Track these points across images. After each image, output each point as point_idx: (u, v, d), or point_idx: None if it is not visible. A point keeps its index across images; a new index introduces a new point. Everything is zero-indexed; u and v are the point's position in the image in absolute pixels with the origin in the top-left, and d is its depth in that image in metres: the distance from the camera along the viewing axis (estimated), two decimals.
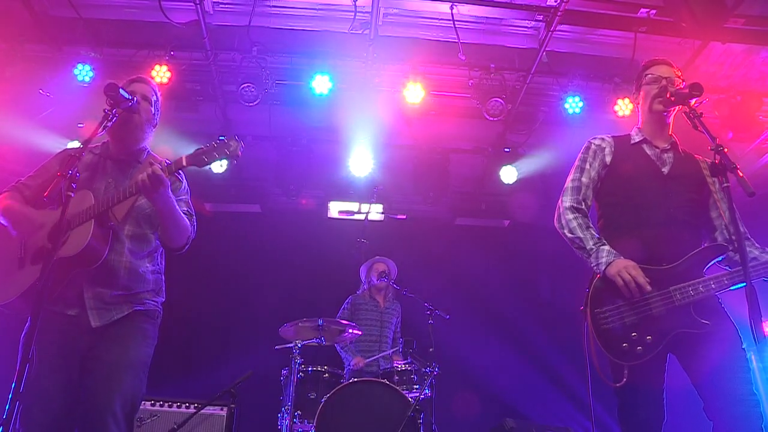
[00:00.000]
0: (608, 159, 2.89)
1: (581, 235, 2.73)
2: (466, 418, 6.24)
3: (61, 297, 2.49)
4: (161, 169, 2.45)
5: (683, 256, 2.59)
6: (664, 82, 2.82)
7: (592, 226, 2.79)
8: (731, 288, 2.51)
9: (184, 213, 2.71)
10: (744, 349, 2.52)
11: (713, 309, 2.57)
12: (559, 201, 2.89)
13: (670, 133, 2.92)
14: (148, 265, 2.68)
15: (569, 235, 2.77)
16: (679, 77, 2.88)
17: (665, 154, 2.85)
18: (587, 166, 2.90)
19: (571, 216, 2.80)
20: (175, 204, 2.57)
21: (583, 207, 2.85)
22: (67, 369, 2.44)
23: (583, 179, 2.88)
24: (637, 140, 2.91)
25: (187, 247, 2.74)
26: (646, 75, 2.92)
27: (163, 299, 2.78)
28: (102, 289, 2.52)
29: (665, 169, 2.81)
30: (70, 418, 2.41)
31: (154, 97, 2.84)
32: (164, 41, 5.40)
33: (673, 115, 2.89)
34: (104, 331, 2.50)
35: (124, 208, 2.58)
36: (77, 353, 2.47)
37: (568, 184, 2.91)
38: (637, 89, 3.00)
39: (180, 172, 2.76)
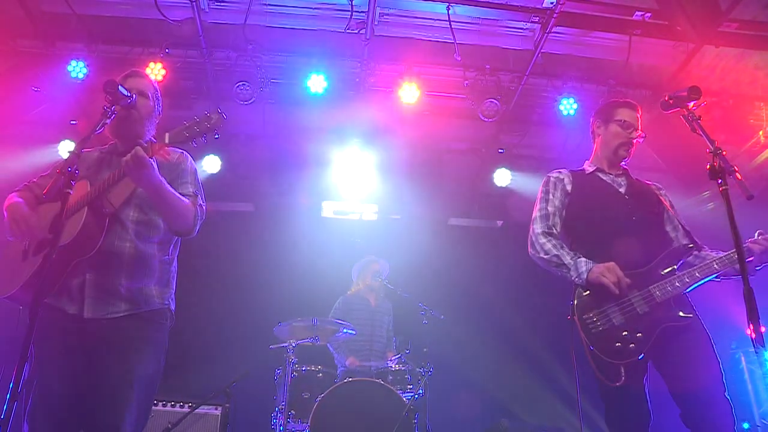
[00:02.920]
0: (569, 188, 3.08)
1: (557, 253, 2.87)
2: (460, 418, 6.25)
3: (64, 289, 2.47)
4: (144, 149, 2.41)
5: (654, 259, 2.76)
6: (634, 133, 3.03)
7: (565, 246, 2.93)
8: (703, 280, 2.68)
9: (188, 195, 2.68)
10: (716, 353, 2.64)
11: (691, 308, 2.74)
12: (530, 231, 3.04)
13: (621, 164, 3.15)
14: (156, 252, 2.64)
15: (545, 256, 2.90)
16: (638, 119, 3.09)
17: (619, 178, 3.10)
18: (551, 197, 3.08)
19: (543, 240, 2.95)
20: (165, 185, 2.51)
21: (554, 232, 3.00)
22: (72, 369, 2.40)
23: (549, 208, 3.05)
24: (591, 170, 3.14)
25: (196, 229, 2.67)
26: (617, 118, 3.08)
27: (172, 293, 2.73)
28: (104, 277, 2.49)
29: (622, 189, 3.04)
30: (75, 419, 2.38)
31: (151, 91, 2.83)
32: (159, 38, 5.37)
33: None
34: (106, 337, 2.45)
35: (122, 195, 2.56)
36: (81, 354, 2.43)
37: (536, 214, 3.07)
38: (604, 123, 3.15)
39: (186, 154, 2.80)
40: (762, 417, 5.93)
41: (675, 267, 2.74)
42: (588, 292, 2.75)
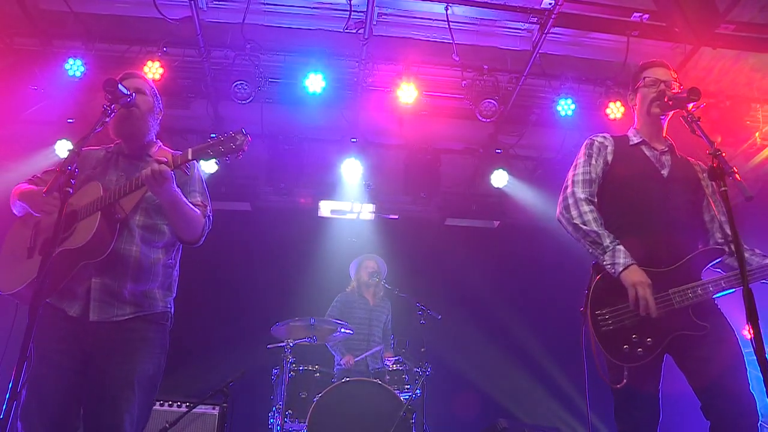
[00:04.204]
0: (610, 158, 2.88)
1: (598, 230, 2.67)
2: (457, 418, 6.26)
3: (68, 290, 2.47)
4: (166, 163, 2.43)
5: (682, 259, 2.60)
6: (662, 86, 2.83)
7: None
8: (727, 291, 2.54)
9: (197, 204, 2.69)
10: (741, 347, 2.56)
11: (711, 311, 2.60)
12: (569, 191, 2.82)
13: (665, 134, 2.94)
14: (161, 256, 2.65)
15: (584, 227, 2.68)
16: (675, 80, 2.89)
17: (664, 156, 2.87)
18: (593, 161, 2.87)
19: (587, 208, 2.73)
20: (181, 197, 2.54)
21: (595, 201, 2.81)
22: (69, 371, 2.40)
23: (592, 174, 2.85)
24: (636, 141, 2.91)
25: (202, 239, 2.69)
26: (644, 77, 2.92)
27: (173, 297, 2.74)
28: (110, 281, 2.49)
29: (664, 172, 2.82)
30: (72, 420, 2.39)
31: (149, 88, 2.84)
32: (157, 37, 5.34)
33: (668, 118, 2.91)
34: (108, 338, 2.45)
35: (132, 200, 2.57)
36: (79, 355, 2.43)
37: (579, 176, 2.84)
38: (633, 91, 2.99)
39: (193, 163, 2.75)
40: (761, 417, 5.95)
41: (701, 270, 2.59)
42: (606, 285, 2.62)
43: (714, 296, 2.57)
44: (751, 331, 2.03)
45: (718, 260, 2.66)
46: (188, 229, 2.62)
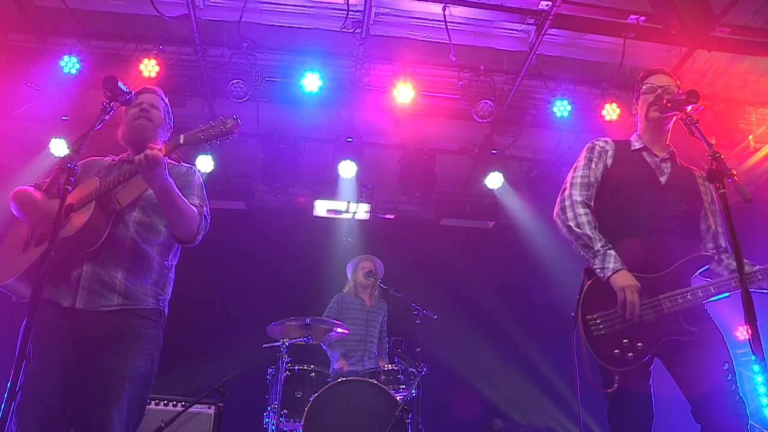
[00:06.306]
0: (609, 162, 2.93)
1: (590, 234, 2.71)
2: (453, 418, 6.27)
3: (62, 280, 2.48)
4: (159, 149, 2.45)
5: (672, 265, 2.63)
6: (659, 90, 2.89)
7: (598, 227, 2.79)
8: (716, 297, 2.58)
9: (195, 206, 2.70)
10: (729, 352, 2.59)
11: (700, 316, 2.63)
12: (566, 193, 2.87)
13: (667, 142, 2.98)
14: (155, 254, 2.65)
15: (577, 230, 2.74)
16: (678, 86, 2.93)
17: (664, 164, 2.90)
18: (593, 165, 2.91)
19: (582, 211, 2.78)
20: (174, 188, 2.54)
21: (591, 204, 2.85)
22: (64, 365, 2.39)
23: (591, 177, 2.89)
24: (638, 147, 2.95)
25: (199, 238, 2.69)
26: (644, 85, 2.98)
27: (167, 298, 2.73)
28: (101, 269, 2.50)
29: (663, 179, 2.85)
30: (66, 415, 2.38)
31: (163, 105, 2.90)
32: (153, 35, 5.33)
33: (671, 123, 2.94)
34: (99, 333, 2.44)
35: (130, 195, 2.58)
36: (72, 350, 2.43)
37: (577, 179, 2.89)
38: (636, 99, 3.06)
39: (194, 168, 2.86)
40: (749, 418, 6.01)
41: (691, 277, 2.62)
42: (597, 289, 2.64)
43: (703, 302, 2.60)
44: (749, 332, 2.04)
45: (705, 268, 2.69)
46: (182, 223, 2.61)
